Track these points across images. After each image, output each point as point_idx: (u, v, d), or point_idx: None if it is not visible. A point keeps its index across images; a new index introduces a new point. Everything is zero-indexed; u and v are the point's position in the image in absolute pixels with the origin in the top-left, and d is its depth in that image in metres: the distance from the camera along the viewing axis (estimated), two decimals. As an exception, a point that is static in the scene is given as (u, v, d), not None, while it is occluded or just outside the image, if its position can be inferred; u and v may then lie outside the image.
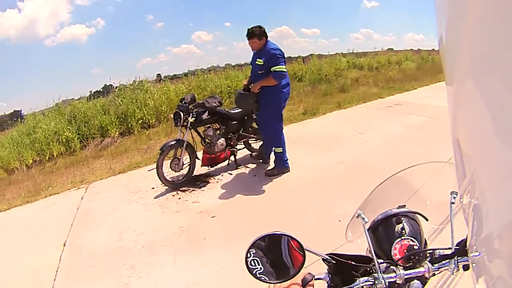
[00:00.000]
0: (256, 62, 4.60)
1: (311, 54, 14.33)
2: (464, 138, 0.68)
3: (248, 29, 4.53)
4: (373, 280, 0.92)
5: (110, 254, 3.61)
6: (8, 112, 12.43)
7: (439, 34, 0.68)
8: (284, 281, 0.86)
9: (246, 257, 0.84)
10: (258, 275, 0.83)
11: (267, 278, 0.83)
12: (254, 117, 5.25)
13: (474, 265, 0.73)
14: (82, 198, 5.16)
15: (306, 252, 0.86)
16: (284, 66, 4.54)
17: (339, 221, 3.40)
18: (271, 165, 5.05)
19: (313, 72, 12.24)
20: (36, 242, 4.12)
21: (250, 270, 0.84)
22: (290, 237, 0.87)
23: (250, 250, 0.85)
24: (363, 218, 1.05)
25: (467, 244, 0.85)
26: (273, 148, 4.87)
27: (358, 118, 7.19)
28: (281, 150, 4.81)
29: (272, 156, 5.00)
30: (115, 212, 4.51)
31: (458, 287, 2.25)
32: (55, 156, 7.99)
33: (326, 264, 0.96)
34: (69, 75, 16.83)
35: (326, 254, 0.94)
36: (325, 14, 23.70)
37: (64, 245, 3.93)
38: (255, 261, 0.83)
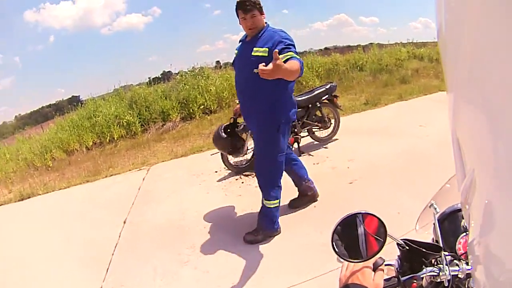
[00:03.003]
0: (253, 53, 2.76)
1: (371, 43, 13.85)
2: (464, 138, 0.68)
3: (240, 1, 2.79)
4: (438, 271, 0.94)
5: (170, 233, 3.59)
6: (66, 98, 13.02)
7: (439, 35, 0.69)
8: (357, 262, 0.89)
9: (332, 240, 0.89)
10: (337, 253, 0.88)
11: (341, 258, 0.88)
12: (318, 105, 5.11)
13: (474, 264, 0.75)
14: (143, 179, 5.17)
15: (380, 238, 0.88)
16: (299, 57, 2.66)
17: (398, 213, 3.16)
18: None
19: (374, 61, 11.71)
20: (96, 218, 4.17)
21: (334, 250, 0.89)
22: (369, 214, 0.90)
23: (333, 234, 0.89)
24: (435, 209, 1.09)
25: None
26: (263, 200, 3.18)
27: (419, 111, 6.80)
28: (277, 204, 3.17)
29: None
30: (176, 193, 4.46)
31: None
32: (115, 139, 8.13)
33: (400, 249, 0.98)
34: (126, 63, 17.45)
35: (401, 239, 0.96)
36: (383, 1, 23.17)
37: (125, 222, 3.94)
38: (333, 244, 0.88)
